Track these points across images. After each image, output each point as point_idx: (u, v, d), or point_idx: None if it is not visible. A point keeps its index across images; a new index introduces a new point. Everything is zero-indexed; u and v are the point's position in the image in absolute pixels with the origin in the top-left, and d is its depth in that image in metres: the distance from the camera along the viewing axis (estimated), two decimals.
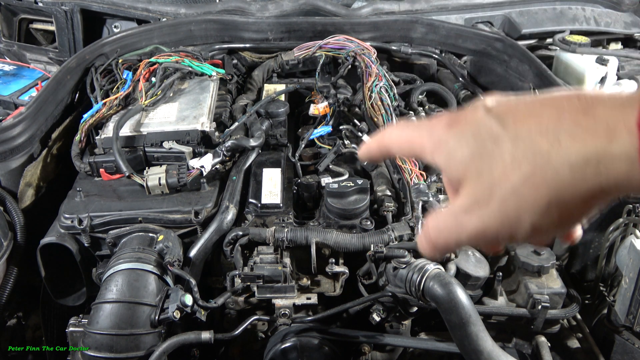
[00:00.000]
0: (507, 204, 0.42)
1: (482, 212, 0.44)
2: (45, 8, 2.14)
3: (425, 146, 0.49)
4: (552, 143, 0.40)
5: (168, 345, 1.13)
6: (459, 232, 0.46)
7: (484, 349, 1.07)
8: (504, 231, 0.44)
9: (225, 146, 1.44)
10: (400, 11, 2.12)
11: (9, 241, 1.36)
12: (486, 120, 0.45)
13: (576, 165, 0.39)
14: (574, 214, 0.42)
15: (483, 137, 0.44)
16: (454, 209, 0.47)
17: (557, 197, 0.40)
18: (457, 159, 0.46)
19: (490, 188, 0.43)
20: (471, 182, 0.45)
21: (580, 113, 0.40)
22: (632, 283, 1.33)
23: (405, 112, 1.76)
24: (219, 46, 2.02)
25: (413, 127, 0.51)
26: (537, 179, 0.41)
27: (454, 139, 0.46)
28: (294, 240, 1.25)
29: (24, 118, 1.48)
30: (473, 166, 0.44)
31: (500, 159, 0.43)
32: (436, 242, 0.49)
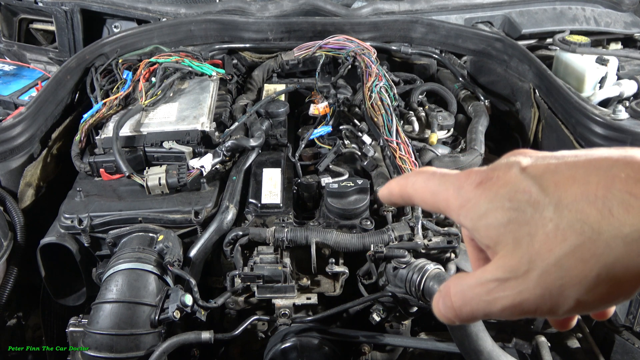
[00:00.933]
0: (549, 277, 0.39)
1: (519, 285, 0.40)
2: (45, 8, 2.14)
3: (451, 203, 0.45)
4: (602, 213, 0.37)
5: (168, 345, 1.13)
6: (490, 304, 0.42)
7: (484, 349, 1.07)
8: (544, 306, 0.40)
9: (225, 146, 1.44)
10: (400, 11, 2.12)
11: (9, 241, 1.36)
12: (523, 181, 0.41)
13: (631, 239, 0.36)
14: (625, 290, 0.38)
15: (520, 201, 0.40)
16: (486, 278, 0.42)
17: (608, 272, 0.37)
18: (489, 224, 0.42)
19: (530, 259, 0.39)
20: (507, 251, 0.41)
21: (632, 181, 0.37)
22: None
23: (405, 112, 1.76)
24: (219, 46, 2.02)
25: (439, 179, 0.47)
26: (585, 252, 0.37)
27: (485, 200, 0.42)
28: (294, 240, 1.25)
29: (24, 118, 1.48)
30: (509, 233, 0.40)
31: (542, 227, 0.39)
32: (460, 312, 0.44)
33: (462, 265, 1.32)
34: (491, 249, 0.43)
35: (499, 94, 1.93)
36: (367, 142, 1.58)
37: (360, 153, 1.56)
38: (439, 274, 1.16)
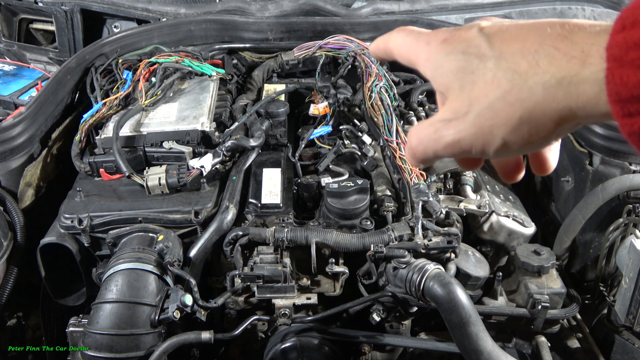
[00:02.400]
0: (482, 118, 0.45)
1: (459, 124, 0.46)
2: (45, 8, 2.14)
3: (419, 57, 0.51)
4: (531, 64, 0.42)
5: (168, 345, 1.13)
6: (436, 141, 0.48)
7: (484, 349, 1.07)
8: (477, 143, 0.46)
9: (225, 146, 1.44)
10: (400, 11, 2.12)
11: (9, 241, 1.36)
12: (477, 38, 0.47)
13: (549, 86, 0.41)
14: (542, 133, 0.44)
15: (470, 54, 0.46)
16: (434, 119, 0.49)
17: (529, 114, 0.43)
18: (443, 72, 0.48)
19: (470, 102, 0.45)
20: (453, 95, 0.47)
21: (560, 38, 0.42)
22: (632, 283, 1.33)
23: (405, 112, 1.76)
24: (219, 46, 2.02)
25: (415, 36, 0.53)
26: (512, 97, 0.43)
27: (444, 53, 0.48)
28: (294, 240, 1.25)
29: (24, 118, 1.48)
30: (457, 81, 0.47)
31: (482, 76, 0.45)
32: (416, 151, 0.51)
33: (462, 265, 1.32)
34: (444, 95, 0.49)
35: None
36: (367, 142, 1.58)
37: (360, 153, 1.56)
38: (439, 274, 1.16)
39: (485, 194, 1.47)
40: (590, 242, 1.54)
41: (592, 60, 0.39)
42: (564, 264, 1.57)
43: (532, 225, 1.48)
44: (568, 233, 1.51)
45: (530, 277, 1.39)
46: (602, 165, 1.47)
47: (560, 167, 1.64)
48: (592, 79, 0.39)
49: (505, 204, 1.51)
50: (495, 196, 1.51)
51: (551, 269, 1.40)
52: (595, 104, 0.40)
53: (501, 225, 1.44)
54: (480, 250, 1.46)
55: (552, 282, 1.38)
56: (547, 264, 1.38)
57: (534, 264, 1.37)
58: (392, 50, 0.56)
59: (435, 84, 0.50)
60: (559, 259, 1.52)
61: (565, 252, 1.55)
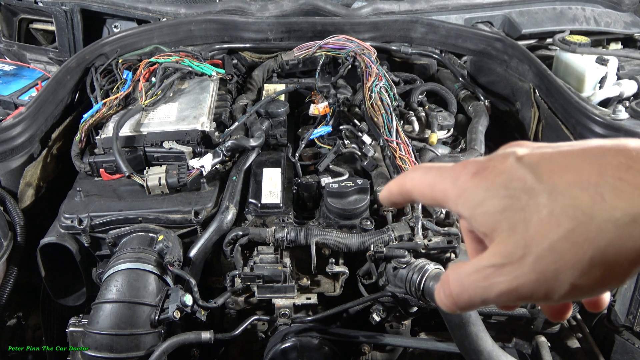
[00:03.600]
0: (544, 261, 0.39)
1: (515, 270, 0.41)
2: (45, 8, 2.14)
3: (448, 194, 0.46)
4: (594, 199, 0.38)
5: (168, 345, 1.13)
6: (487, 290, 0.42)
7: (484, 349, 1.07)
8: (539, 290, 0.40)
9: (225, 146, 1.44)
10: (400, 11, 2.12)
11: (9, 241, 1.36)
12: (518, 170, 0.42)
13: (622, 223, 0.37)
14: (618, 273, 0.39)
15: (515, 189, 0.41)
16: (482, 264, 0.43)
17: (601, 255, 0.38)
18: (486, 211, 0.43)
19: (525, 244, 0.40)
20: (502, 237, 0.41)
21: (624, 168, 0.38)
22: (632, 283, 1.33)
23: (405, 112, 1.76)
24: (219, 46, 2.02)
25: (436, 172, 0.48)
26: (578, 237, 0.38)
27: (481, 189, 0.43)
28: (294, 240, 1.25)
29: (24, 118, 1.48)
30: (505, 220, 0.41)
31: (535, 213, 0.40)
32: (458, 300, 0.45)
33: None
34: (488, 236, 0.43)
35: (499, 94, 1.93)
36: (367, 142, 1.58)
37: (360, 153, 1.56)
38: (439, 274, 1.16)
39: None
40: None
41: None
42: None
43: None
44: None
45: None
46: None
47: None
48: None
49: None
50: None
51: None
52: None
53: None
54: None
55: None
56: None
57: None
58: (411, 192, 0.51)
59: (476, 224, 0.44)
60: None
61: None
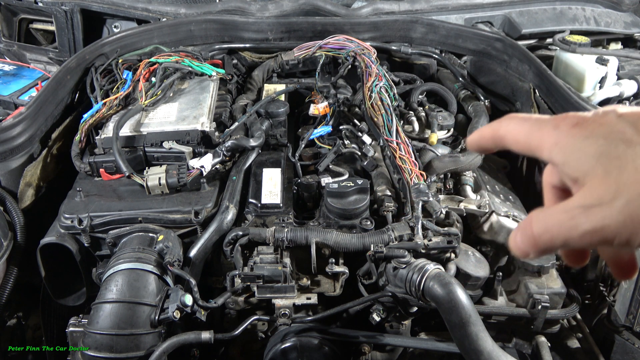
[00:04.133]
0: (633, 205, 0.42)
1: (603, 211, 0.43)
2: (45, 8, 2.14)
3: (544, 142, 0.48)
4: None
5: (168, 345, 1.13)
6: (571, 230, 0.44)
7: (484, 349, 1.07)
8: (624, 232, 0.42)
9: (225, 146, 1.44)
10: (400, 11, 2.12)
11: (9, 241, 1.36)
12: (619, 123, 0.45)
13: None
14: None
15: (614, 139, 0.44)
16: (570, 205, 0.45)
17: None
18: (582, 156, 0.45)
19: (617, 189, 0.42)
20: (595, 181, 0.44)
21: None
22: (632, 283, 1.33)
23: (405, 112, 1.76)
24: (219, 46, 2.02)
25: (534, 121, 0.51)
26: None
27: (580, 137, 0.46)
28: (294, 240, 1.25)
29: (24, 118, 1.48)
30: (600, 166, 0.44)
31: (632, 161, 0.43)
32: (539, 239, 0.46)
33: (462, 265, 1.32)
34: (579, 181, 0.45)
35: (499, 94, 1.93)
36: (367, 142, 1.58)
37: (360, 153, 1.56)
38: (439, 274, 1.16)
39: (485, 194, 1.48)
40: None
41: None
42: (564, 264, 1.57)
43: None
44: None
45: (530, 277, 1.39)
46: None
47: None
48: None
49: (505, 204, 1.51)
50: (495, 196, 1.51)
51: (551, 269, 1.40)
52: None
53: (501, 225, 1.44)
54: (480, 250, 1.46)
55: (552, 282, 1.38)
56: (547, 264, 1.38)
57: (534, 264, 1.37)
58: (504, 138, 0.53)
59: (569, 169, 0.46)
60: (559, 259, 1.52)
61: None
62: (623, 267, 0.53)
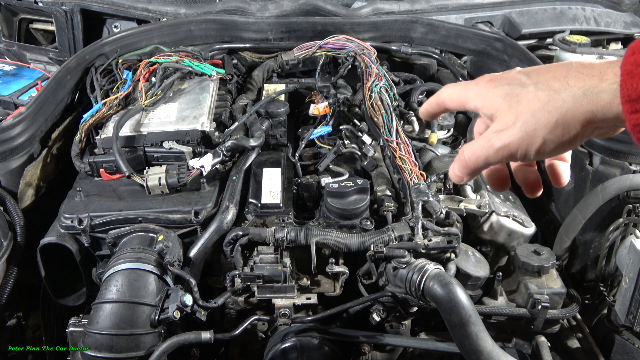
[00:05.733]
0: (527, 124, 0.59)
1: (509, 131, 0.60)
2: (45, 8, 2.14)
3: (470, 96, 0.66)
4: (562, 84, 0.58)
5: (168, 345, 1.13)
6: (489, 148, 0.62)
7: (484, 349, 1.07)
8: (522, 145, 0.59)
9: (225, 146, 1.44)
10: (400, 11, 2.12)
11: (9, 241, 1.36)
12: (517, 74, 0.63)
13: (577, 96, 0.56)
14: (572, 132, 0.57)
15: (514, 84, 0.62)
16: (487, 133, 0.63)
17: (563, 117, 0.57)
18: (492, 98, 0.63)
19: (516, 115, 0.60)
20: (502, 113, 0.61)
21: (582, 66, 0.58)
22: (632, 283, 1.33)
23: (405, 112, 1.76)
24: (219, 46, 2.02)
25: (463, 84, 0.69)
26: (550, 107, 0.57)
27: (492, 86, 0.64)
28: (294, 240, 1.25)
29: (24, 118, 1.48)
30: (505, 102, 0.61)
31: (525, 96, 0.60)
32: (468, 162, 0.64)
33: (462, 265, 1.32)
34: (493, 116, 0.63)
35: None
36: (367, 142, 1.58)
37: (360, 153, 1.56)
38: (439, 274, 1.16)
39: (485, 194, 1.48)
40: (590, 242, 1.54)
41: (608, 77, 0.55)
42: (564, 264, 1.57)
43: (532, 225, 1.48)
44: (568, 233, 1.51)
45: (530, 277, 1.39)
46: (602, 165, 1.47)
47: None
48: (608, 89, 0.54)
49: (505, 204, 1.51)
50: (495, 196, 1.51)
51: (551, 269, 1.40)
52: (609, 106, 0.54)
53: (501, 225, 1.44)
54: (480, 250, 1.46)
55: (552, 282, 1.38)
56: (547, 264, 1.38)
57: (534, 264, 1.37)
58: (444, 101, 0.71)
59: (485, 109, 0.64)
60: (559, 259, 1.52)
61: (565, 252, 1.55)
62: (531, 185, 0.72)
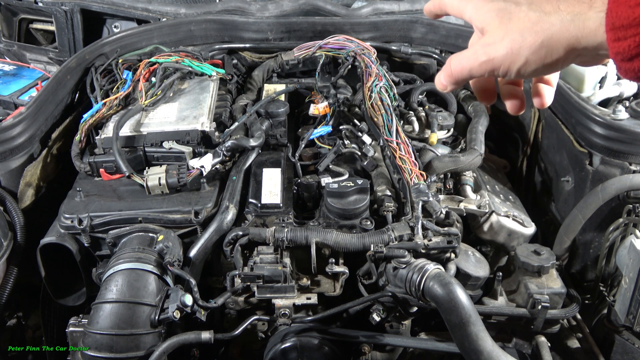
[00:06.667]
0: (514, 42, 0.60)
1: (495, 46, 0.61)
2: (45, 8, 2.14)
3: (467, 6, 0.68)
4: (554, 7, 0.59)
5: (168, 345, 1.13)
6: (474, 59, 0.63)
7: (484, 349, 1.07)
8: (506, 61, 0.61)
9: (225, 146, 1.44)
10: (400, 11, 2.12)
11: (9, 241, 1.36)
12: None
13: (565, 20, 0.58)
14: (555, 56, 0.59)
15: (509, 1, 0.63)
16: (474, 45, 0.64)
17: (549, 40, 0.58)
18: (486, 12, 0.64)
19: (505, 31, 0.61)
20: (492, 27, 0.63)
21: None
22: (632, 283, 1.33)
23: (405, 112, 1.76)
24: (219, 46, 2.02)
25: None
26: (538, 27, 0.59)
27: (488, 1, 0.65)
28: (294, 240, 1.25)
29: (24, 118, 1.48)
30: (497, 18, 0.63)
31: (517, 14, 0.61)
32: (454, 71, 0.66)
33: (462, 265, 1.32)
34: (484, 30, 0.64)
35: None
36: (367, 142, 1.58)
37: (360, 153, 1.56)
38: (439, 274, 1.16)
39: (485, 194, 1.47)
40: (590, 242, 1.54)
41: (596, 5, 0.56)
42: (564, 264, 1.57)
43: (532, 225, 1.48)
44: (568, 233, 1.51)
45: (530, 277, 1.39)
46: (602, 165, 1.47)
47: (560, 167, 1.64)
48: (594, 17, 0.56)
49: (505, 204, 1.51)
50: (495, 196, 1.51)
51: (551, 269, 1.40)
52: (594, 34, 0.56)
53: (501, 225, 1.44)
54: (480, 250, 1.46)
55: (552, 282, 1.38)
56: (547, 264, 1.38)
57: (534, 264, 1.37)
58: (446, 4, 0.73)
59: (478, 21, 0.66)
60: (559, 259, 1.52)
61: (565, 252, 1.55)
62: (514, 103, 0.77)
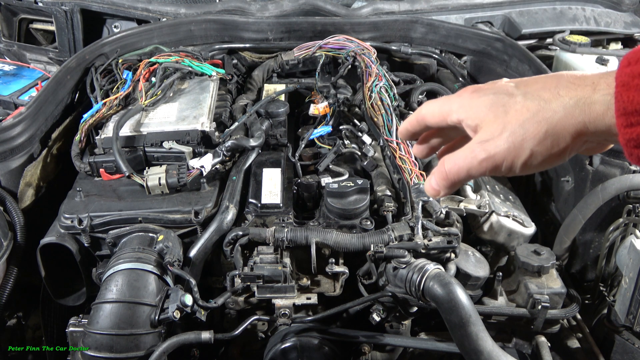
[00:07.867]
0: (515, 135, 0.55)
1: (495, 142, 0.56)
2: (45, 8, 2.14)
3: (452, 108, 0.62)
4: (553, 94, 0.55)
5: (168, 345, 1.13)
6: (472, 159, 0.58)
7: (484, 349, 1.07)
8: (509, 156, 0.56)
9: (225, 146, 1.44)
10: (400, 11, 2.12)
11: (9, 241, 1.36)
12: (505, 84, 0.60)
13: (569, 106, 0.54)
14: (562, 145, 0.55)
15: (500, 94, 0.58)
16: (470, 144, 0.59)
17: (553, 128, 0.54)
18: (477, 108, 0.59)
19: (503, 125, 0.56)
20: (487, 122, 0.58)
21: (574, 77, 0.56)
22: (632, 283, 1.33)
23: (405, 112, 1.76)
24: (219, 46, 2.02)
25: (444, 98, 0.65)
26: (539, 117, 0.55)
27: (477, 97, 0.60)
28: (294, 240, 1.25)
29: (24, 118, 1.48)
30: (491, 112, 0.58)
31: (513, 106, 0.57)
32: (449, 173, 0.60)
33: (462, 265, 1.32)
34: (477, 127, 0.59)
35: None
36: (367, 142, 1.58)
37: (360, 153, 1.56)
38: (439, 274, 1.16)
39: (485, 194, 1.47)
40: (590, 242, 1.54)
41: (601, 88, 0.52)
42: (564, 264, 1.57)
43: (532, 225, 1.48)
44: (568, 233, 1.51)
45: (530, 277, 1.39)
46: (602, 165, 1.47)
47: (560, 167, 1.64)
48: (601, 100, 0.52)
49: (505, 204, 1.51)
50: (495, 196, 1.51)
51: (551, 269, 1.40)
52: (602, 118, 0.52)
53: (501, 225, 1.44)
54: (480, 250, 1.46)
55: (552, 282, 1.38)
56: (547, 264, 1.38)
57: (534, 264, 1.37)
58: (425, 117, 0.66)
59: (469, 119, 0.60)
60: (559, 259, 1.52)
61: (565, 252, 1.55)
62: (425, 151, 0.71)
